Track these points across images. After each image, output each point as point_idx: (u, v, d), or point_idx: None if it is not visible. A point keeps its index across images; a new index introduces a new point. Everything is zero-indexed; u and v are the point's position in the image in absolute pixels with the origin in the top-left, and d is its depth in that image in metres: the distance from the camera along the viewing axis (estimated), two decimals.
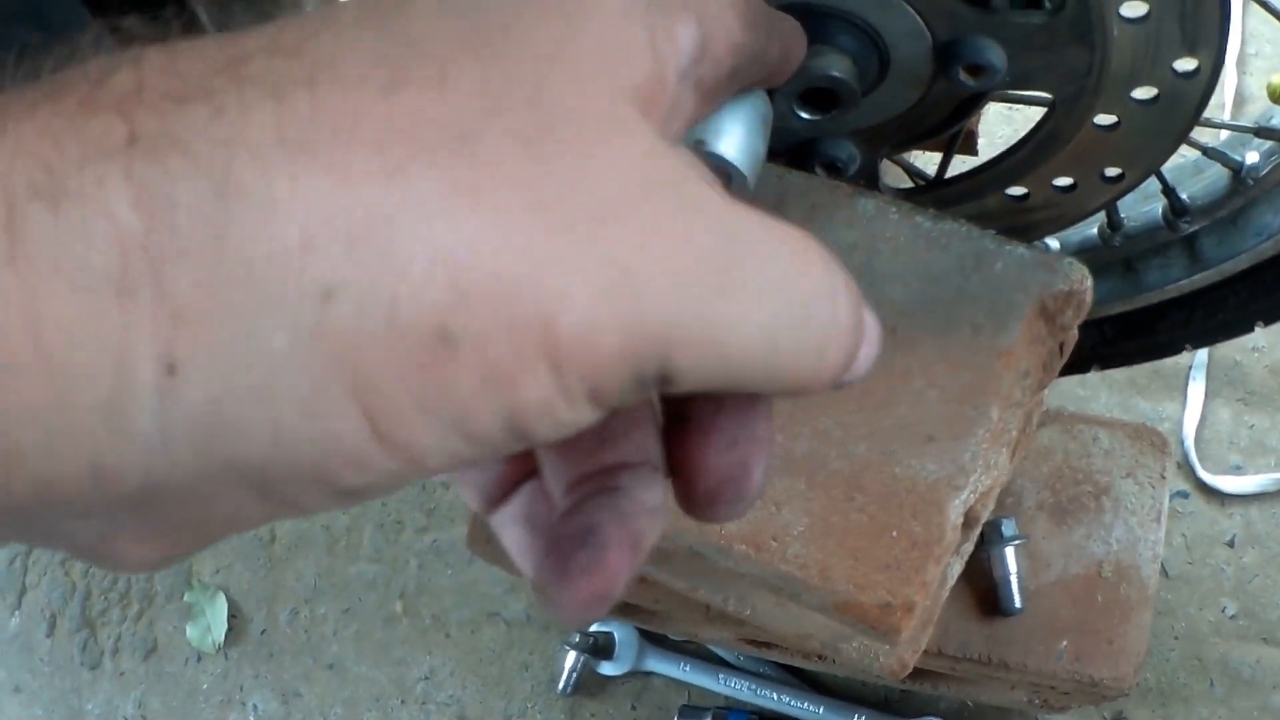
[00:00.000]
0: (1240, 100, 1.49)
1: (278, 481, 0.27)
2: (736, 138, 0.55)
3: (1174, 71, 0.69)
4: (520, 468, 0.37)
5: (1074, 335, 0.70)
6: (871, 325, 0.33)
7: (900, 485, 0.58)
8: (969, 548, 0.78)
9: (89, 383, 0.25)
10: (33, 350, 0.25)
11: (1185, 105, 0.71)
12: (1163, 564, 1.25)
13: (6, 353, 0.24)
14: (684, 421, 0.34)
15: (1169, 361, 1.37)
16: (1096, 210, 0.83)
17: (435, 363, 0.26)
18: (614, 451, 0.35)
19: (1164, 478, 0.94)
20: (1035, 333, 0.65)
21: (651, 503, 0.34)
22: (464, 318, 0.26)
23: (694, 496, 0.34)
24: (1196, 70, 0.69)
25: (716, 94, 0.36)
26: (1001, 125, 1.48)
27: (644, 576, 0.87)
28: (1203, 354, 1.38)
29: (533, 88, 0.29)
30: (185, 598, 1.55)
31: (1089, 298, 0.67)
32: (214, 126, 0.26)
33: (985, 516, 0.74)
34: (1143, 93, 0.71)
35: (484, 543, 0.98)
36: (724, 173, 0.56)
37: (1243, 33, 1.52)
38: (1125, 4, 0.65)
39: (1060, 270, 0.65)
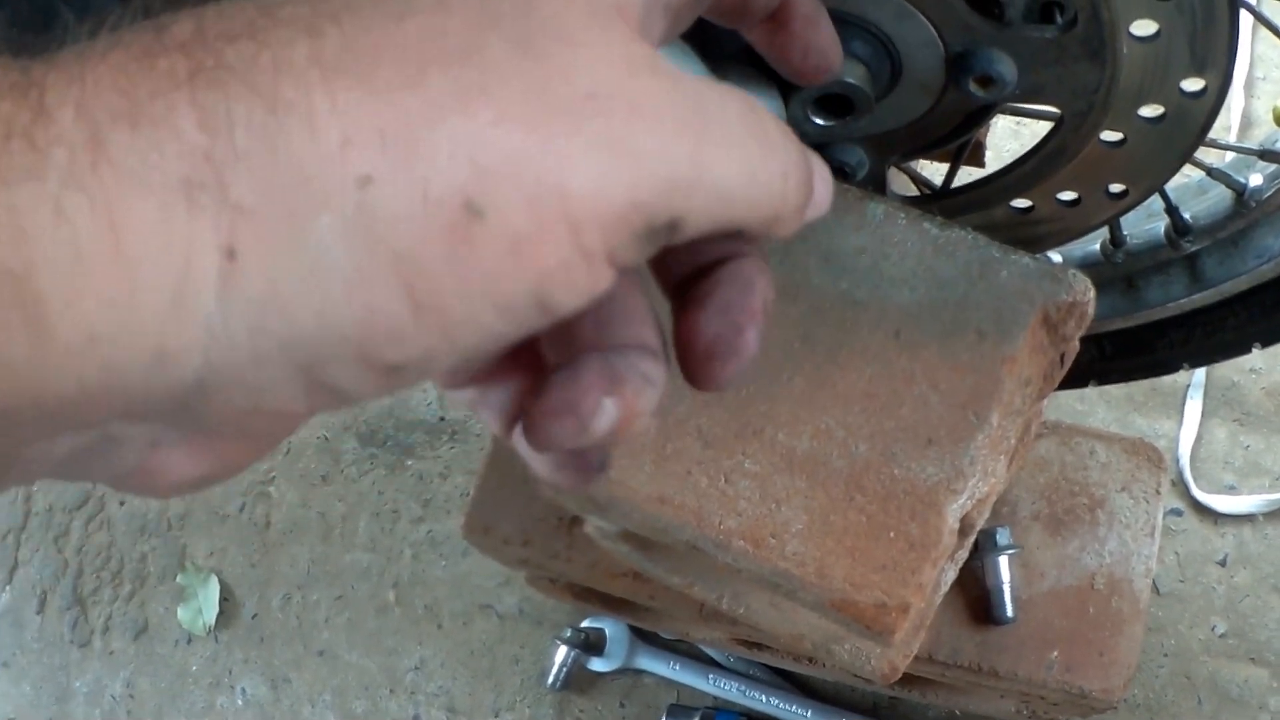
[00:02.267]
0: (1246, 123, 1.51)
1: (324, 361, 0.31)
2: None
3: (1181, 91, 0.70)
4: (535, 384, 0.40)
5: (1075, 346, 0.71)
6: (818, 161, 0.40)
7: (899, 487, 0.60)
8: (964, 554, 0.79)
9: (158, 272, 0.29)
10: (112, 246, 0.29)
11: (1191, 125, 0.72)
12: (1155, 581, 1.26)
13: (89, 250, 0.29)
14: (685, 302, 0.40)
15: (1167, 380, 1.39)
16: (1100, 225, 0.84)
17: (464, 233, 0.31)
18: (613, 338, 0.39)
19: (1159, 493, 0.95)
20: (1038, 341, 0.66)
21: (643, 368, 0.39)
22: (487, 190, 0.31)
23: (693, 356, 0.39)
24: (1204, 90, 0.70)
25: (685, 14, 0.42)
26: (1009, 140, 1.49)
27: (639, 572, 0.88)
28: (1200, 374, 1.40)
29: (522, 3, 0.34)
30: (178, 579, 1.56)
31: (1092, 310, 0.69)
32: (262, 58, 0.31)
33: (981, 524, 0.75)
34: (1150, 110, 0.71)
35: (480, 532, 0.99)
36: None
37: (1250, 56, 1.54)
38: (1136, 22, 0.66)
39: (1065, 281, 0.67)
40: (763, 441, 0.62)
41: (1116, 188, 0.78)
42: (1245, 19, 0.68)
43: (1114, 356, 1.05)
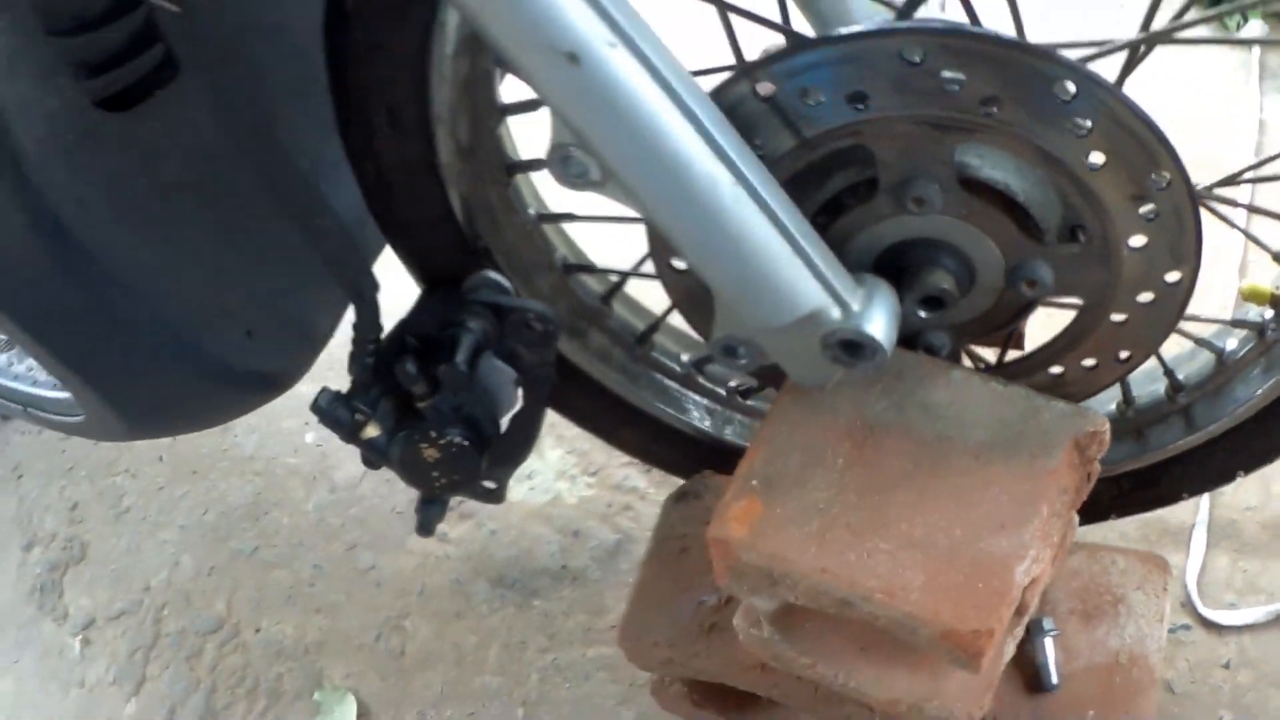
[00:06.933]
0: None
1: None
2: (882, 325, 0.90)
3: (1165, 282, 1.02)
4: None
5: (1098, 468, 1.04)
6: None
7: (983, 556, 0.92)
8: (1020, 632, 1.10)
9: None
10: None
11: (1174, 304, 1.05)
12: (1168, 683, 1.57)
13: None
14: None
15: (1175, 521, 1.69)
16: (1113, 384, 1.17)
17: None
18: None
19: (1165, 589, 1.27)
20: (1072, 460, 0.99)
21: None
22: None
23: None
24: (1180, 280, 1.02)
25: None
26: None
27: (767, 664, 1.17)
28: (1204, 513, 1.69)
29: None
30: (314, 696, 1.74)
31: (1108, 437, 1.01)
32: None
33: (1031, 610, 1.07)
34: (1144, 297, 1.04)
35: (633, 639, 1.29)
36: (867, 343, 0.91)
37: (1245, 243, 1.90)
38: (1132, 237, 1.00)
39: (1089, 417, 1.00)
40: (891, 530, 0.95)
41: (1124, 354, 1.11)
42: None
43: (1130, 491, 1.36)
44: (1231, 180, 1.08)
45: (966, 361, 1.22)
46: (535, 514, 1.90)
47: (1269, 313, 1.20)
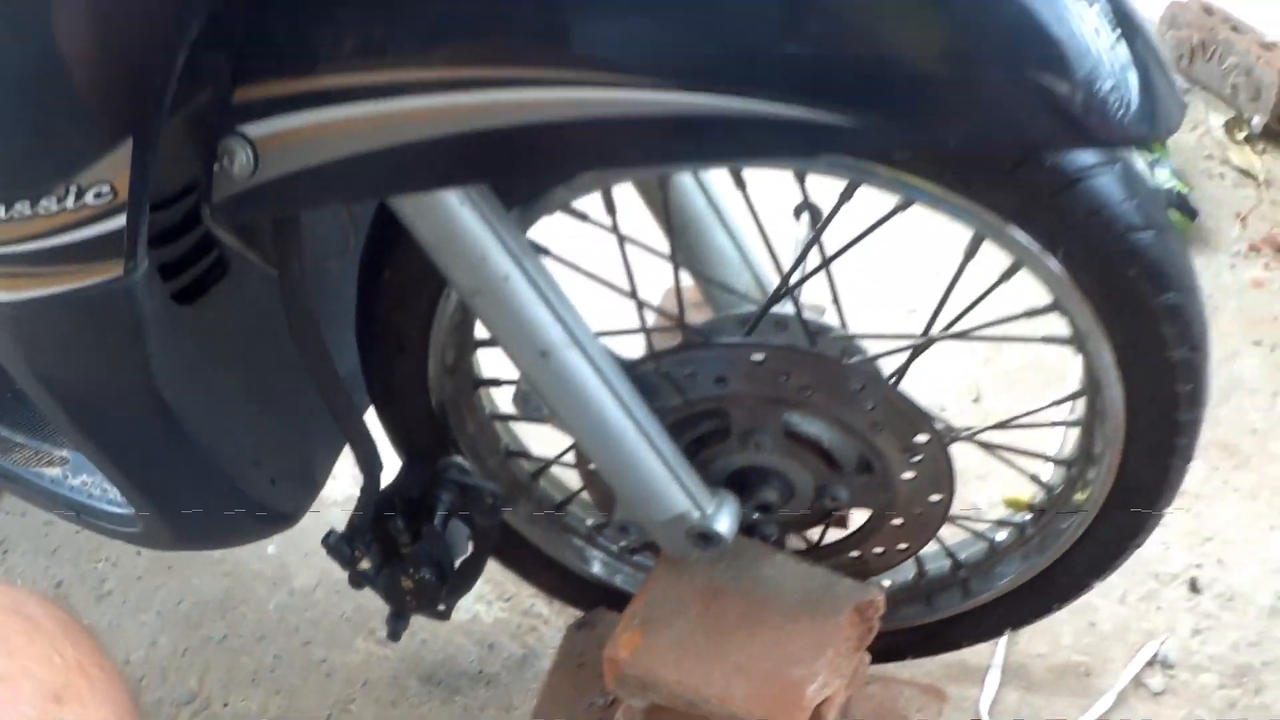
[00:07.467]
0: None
1: None
2: (726, 524, 1.40)
3: (929, 501, 1.51)
4: None
5: (877, 625, 1.53)
6: None
7: (786, 678, 1.37)
8: None
9: None
10: None
11: (938, 515, 1.52)
12: None
13: None
14: None
15: (974, 662, 2.06)
16: (899, 564, 1.65)
17: None
18: None
19: (939, 713, 1.74)
20: (854, 619, 1.47)
21: None
22: None
23: None
24: (940, 499, 1.50)
25: None
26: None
27: None
28: (1000, 656, 2.07)
29: None
30: None
31: (882, 603, 1.49)
32: None
33: None
34: (916, 510, 1.52)
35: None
36: (715, 535, 1.40)
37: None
38: (904, 473, 1.50)
39: (869, 590, 1.50)
40: (726, 659, 1.42)
41: (902, 546, 1.59)
42: None
43: (921, 640, 1.78)
44: (984, 429, 1.58)
45: (795, 542, 1.72)
46: (459, 629, 2.26)
47: (1028, 516, 1.66)
